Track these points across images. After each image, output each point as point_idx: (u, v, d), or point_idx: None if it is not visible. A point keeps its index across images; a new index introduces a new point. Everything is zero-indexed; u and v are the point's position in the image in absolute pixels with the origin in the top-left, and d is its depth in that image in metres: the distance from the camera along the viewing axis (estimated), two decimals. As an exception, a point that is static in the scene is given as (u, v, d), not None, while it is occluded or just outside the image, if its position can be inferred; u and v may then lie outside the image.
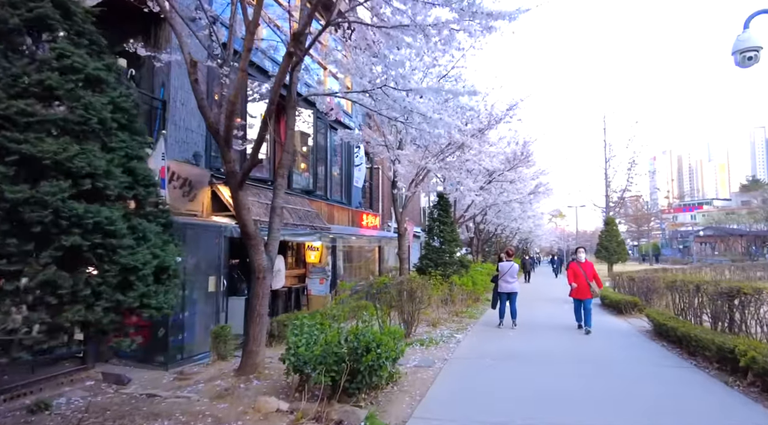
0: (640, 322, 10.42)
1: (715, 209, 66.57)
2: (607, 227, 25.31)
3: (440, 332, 9.20)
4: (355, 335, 4.55)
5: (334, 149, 14.55)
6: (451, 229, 13.89)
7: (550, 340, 8.48)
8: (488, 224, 24.85)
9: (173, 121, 8.11)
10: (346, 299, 9.87)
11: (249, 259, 5.75)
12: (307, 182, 12.38)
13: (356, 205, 15.77)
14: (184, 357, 6.73)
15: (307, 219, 10.88)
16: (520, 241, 43.46)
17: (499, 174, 15.80)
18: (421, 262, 13.84)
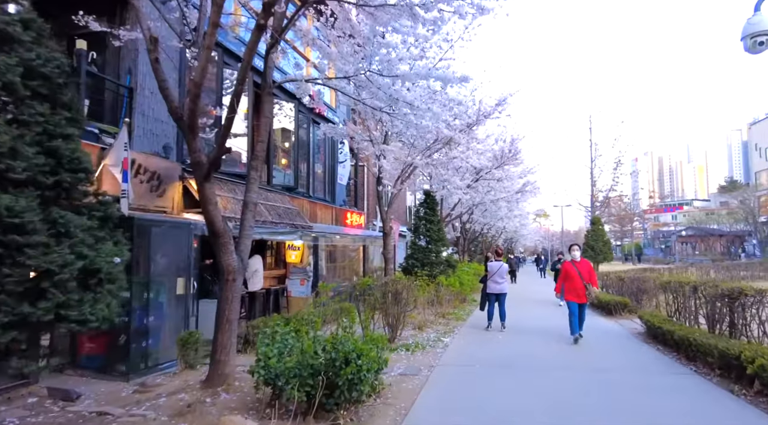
0: (631, 324, 10.15)
1: (696, 210, 67.72)
2: (593, 227, 25.23)
3: (427, 335, 8.76)
4: (334, 344, 4.07)
5: (317, 144, 14.02)
6: (437, 228, 13.48)
7: (540, 344, 8.10)
8: (474, 224, 24.55)
9: (141, 110, 7.52)
10: (327, 301, 9.38)
11: (217, 259, 5.22)
12: (288, 178, 11.83)
13: (340, 203, 15.25)
14: (149, 365, 6.17)
15: (288, 217, 10.34)
16: (505, 240, 43.41)
17: (486, 172, 15.46)
18: (407, 262, 13.40)
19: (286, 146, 12.02)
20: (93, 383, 5.55)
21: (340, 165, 15.30)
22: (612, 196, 30.67)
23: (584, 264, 8.46)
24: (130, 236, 6.03)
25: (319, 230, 11.49)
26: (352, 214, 15.77)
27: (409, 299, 8.09)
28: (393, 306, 7.65)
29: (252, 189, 5.62)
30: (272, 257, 11.55)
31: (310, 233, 10.58)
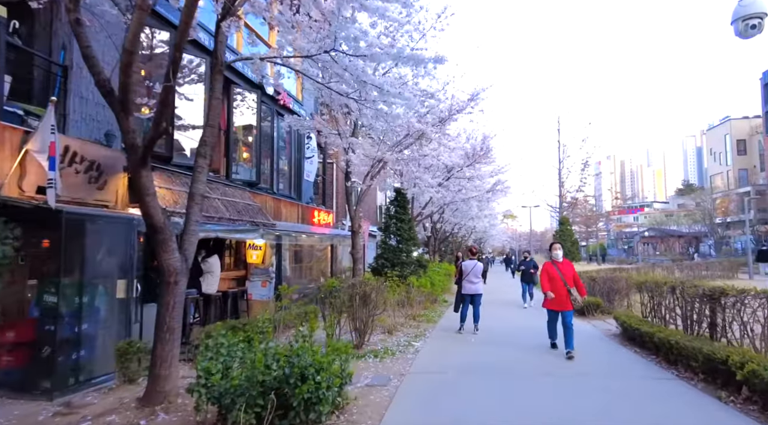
0: (605, 325, 9.96)
1: (656, 212, 70.23)
2: (562, 227, 25.46)
3: (397, 340, 8.25)
4: (288, 357, 3.49)
5: (282, 138, 13.31)
6: (408, 227, 13.02)
7: (515, 348, 7.72)
8: (445, 224, 24.30)
9: (78, 93, 6.69)
10: (290, 305, 8.74)
11: (156, 259, 4.54)
12: (249, 173, 11.09)
13: (307, 200, 14.58)
14: (81, 380, 5.39)
15: (248, 214, 9.63)
16: (475, 240, 43.57)
17: (458, 170, 15.12)
18: (377, 262, 12.88)
19: (248, 139, 11.28)
20: (7, 404, 4.75)
21: (307, 161, 14.63)
22: (579, 197, 31.09)
23: (567, 266, 7.29)
24: (59, 232, 5.27)
25: (283, 228, 10.81)
26: (320, 212, 15.12)
27: (378, 302, 7.56)
28: (361, 310, 7.10)
29: (199, 179, 4.96)
30: (231, 257, 10.79)
31: (273, 232, 9.90)
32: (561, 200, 29.33)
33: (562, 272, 7.10)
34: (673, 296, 6.99)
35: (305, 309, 9.29)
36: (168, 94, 3.84)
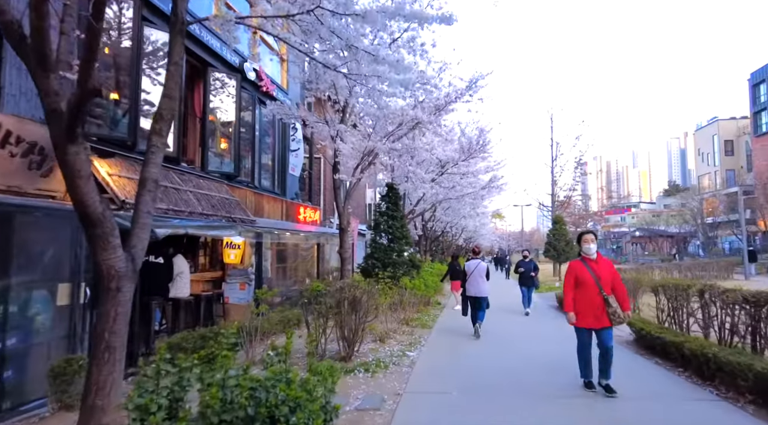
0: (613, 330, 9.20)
1: (644, 212, 70.55)
2: (556, 227, 24.81)
3: (390, 349, 7.38)
4: (253, 391, 2.60)
5: (265, 128, 12.36)
6: (401, 224, 12.16)
7: (525, 361, 6.90)
8: (436, 222, 23.51)
9: (16, 63, 5.69)
10: (268, 311, 7.82)
11: (94, 258, 3.60)
12: (227, 164, 10.13)
13: (292, 196, 13.64)
14: (5, 408, 4.41)
15: (224, 209, 8.67)
16: (465, 240, 42.99)
17: (453, 165, 14.31)
18: (367, 262, 11.99)
19: (226, 128, 10.31)
20: None
21: (292, 154, 13.69)
22: (573, 195, 30.55)
23: (604, 266, 5.19)
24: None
25: (265, 225, 9.87)
26: (306, 209, 14.19)
27: (369, 308, 6.68)
28: (350, 317, 6.21)
29: (152, 161, 4.02)
30: (207, 257, 9.82)
31: (253, 229, 8.96)
32: (553, 198, 28.72)
33: (597, 275, 5.07)
34: (701, 300, 6.22)
35: (288, 315, 8.38)
36: (93, 38, 2.91)
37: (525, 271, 12.15)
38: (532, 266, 12.17)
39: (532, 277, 11.99)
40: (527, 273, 12.02)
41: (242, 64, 10.74)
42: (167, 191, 7.46)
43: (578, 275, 5.18)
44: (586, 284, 5.10)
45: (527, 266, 12.21)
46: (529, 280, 11.99)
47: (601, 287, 5.03)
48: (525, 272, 12.14)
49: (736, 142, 50.37)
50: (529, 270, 12.05)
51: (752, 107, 45.49)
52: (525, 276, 12.10)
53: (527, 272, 12.06)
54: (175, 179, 7.97)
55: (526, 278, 12.06)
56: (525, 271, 12.15)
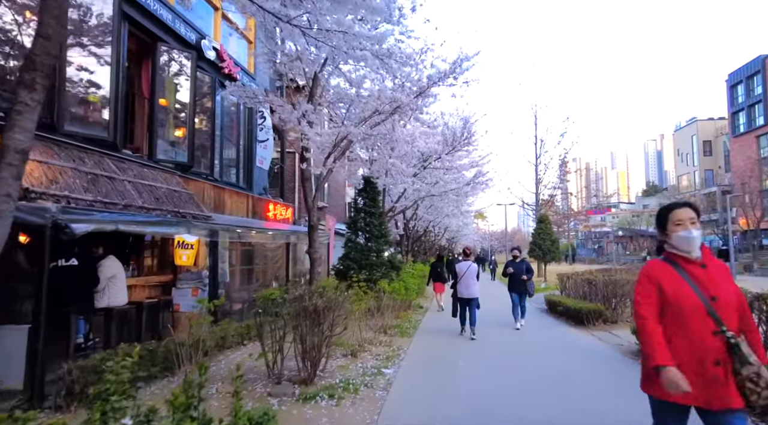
0: (612, 338, 8.31)
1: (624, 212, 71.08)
2: (540, 225, 24.10)
3: (362, 366, 6.30)
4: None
5: (228, 115, 11.15)
6: (379, 222, 11.10)
7: (522, 376, 5.91)
8: (419, 221, 22.52)
9: None
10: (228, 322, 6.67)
11: None
12: (181, 154, 8.92)
13: (260, 191, 12.45)
14: None
15: (172, 202, 7.47)
16: (448, 240, 42.22)
17: (436, 158, 13.31)
18: (342, 263, 10.89)
19: (180, 113, 9.10)
20: None
21: (261, 145, 12.50)
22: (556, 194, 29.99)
23: (719, 273, 2.40)
24: None
25: (224, 222, 8.68)
26: (277, 206, 13.00)
27: (337, 319, 5.59)
28: (311, 331, 5.11)
29: (20, 124, 2.88)
30: (154, 258, 8.59)
31: (207, 226, 7.77)
32: (538, 197, 28.07)
33: (707, 291, 2.31)
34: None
35: (250, 324, 7.25)
36: None
37: (516, 273, 9.74)
38: (525, 267, 9.79)
39: (524, 281, 9.61)
40: (518, 277, 9.67)
41: (200, 41, 9.54)
42: (97, 179, 6.25)
43: (667, 292, 2.36)
44: (686, 310, 2.30)
45: (518, 267, 9.80)
46: (522, 285, 9.62)
47: (720, 319, 2.26)
48: (516, 274, 9.74)
49: (714, 142, 50.87)
50: (520, 273, 9.67)
51: (730, 108, 45.94)
52: (516, 280, 9.71)
53: (518, 274, 9.68)
54: (109, 167, 6.74)
55: (517, 282, 9.67)
56: (516, 273, 9.74)
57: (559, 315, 11.07)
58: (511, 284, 9.89)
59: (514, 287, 9.73)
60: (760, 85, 42.00)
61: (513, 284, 9.80)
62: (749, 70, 43.36)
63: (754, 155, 41.02)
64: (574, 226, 65.91)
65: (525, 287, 9.56)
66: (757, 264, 26.62)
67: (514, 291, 9.75)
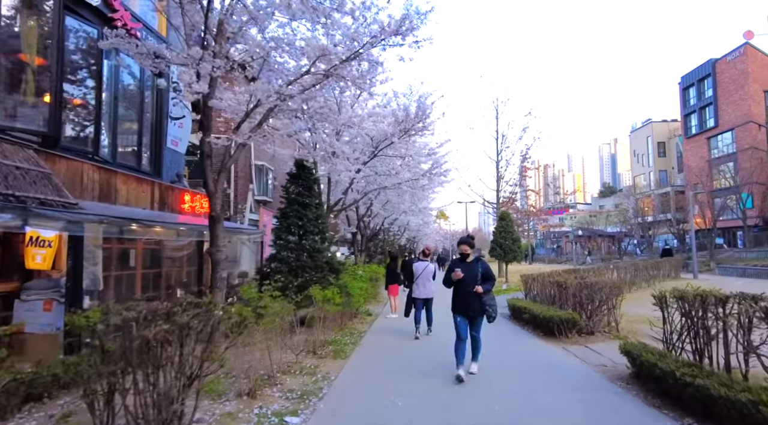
0: (590, 354, 6.81)
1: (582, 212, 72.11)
2: (502, 223, 22.88)
3: (259, 412, 4.42)
4: None
5: (124, 82, 8.98)
6: (316, 215, 9.22)
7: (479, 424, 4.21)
8: (374, 218, 20.76)
9: None
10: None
11: None
12: (34, 118, 6.73)
13: (172, 178, 10.29)
14: None
15: (16, 184, 5.33)
16: (408, 239, 40.77)
17: (387, 144, 11.56)
18: (269, 265, 8.97)
19: (41, 69, 6.90)
20: None
21: (174, 123, 10.34)
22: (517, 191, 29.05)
23: None
24: None
25: (96, 212, 6.54)
26: (195, 197, 10.85)
27: (215, 348, 3.69)
28: (155, 373, 3.19)
29: None
30: (-10, 261, 6.34)
31: (63, 216, 5.66)
32: (499, 194, 26.95)
33: None
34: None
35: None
36: None
37: (465, 282, 5.70)
38: (480, 271, 5.74)
39: (481, 296, 5.64)
40: (469, 287, 5.64)
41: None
42: None
43: None
44: None
45: (470, 271, 5.74)
46: (474, 302, 5.64)
47: None
48: (465, 284, 5.70)
49: (668, 143, 51.99)
50: (473, 280, 5.66)
51: (682, 110, 46.90)
52: (464, 293, 5.71)
53: (469, 284, 5.66)
54: None
55: (466, 297, 5.68)
56: (465, 282, 5.70)
57: (524, 324, 9.57)
58: (457, 299, 5.79)
59: (462, 304, 5.72)
60: (711, 89, 42.94)
61: (460, 299, 5.75)
62: (700, 74, 44.31)
63: (705, 156, 41.86)
64: (533, 226, 66.25)
65: (480, 306, 5.63)
66: (714, 263, 26.53)
67: (460, 313, 5.74)
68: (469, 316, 5.74)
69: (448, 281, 5.91)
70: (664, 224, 40.25)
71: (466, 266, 5.82)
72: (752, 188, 34.06)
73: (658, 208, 44.12)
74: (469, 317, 5.75)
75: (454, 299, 5.86)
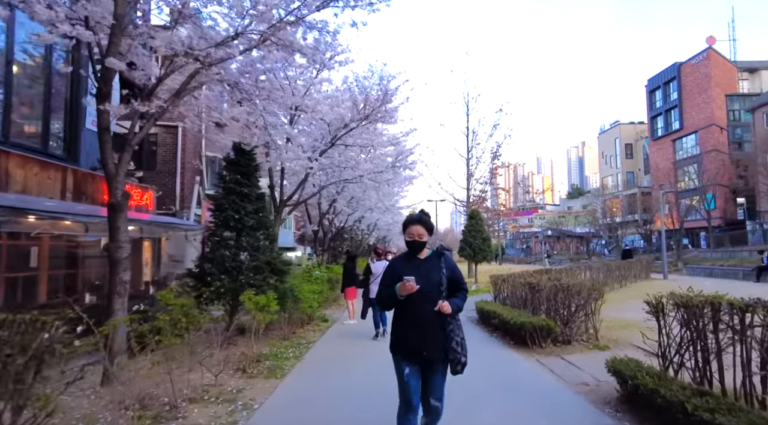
0: (571, 369, 5.86)
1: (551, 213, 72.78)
2: (471, 222, 22.10)
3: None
4: None
5: (27, 48, 7.54)
6: (257, 208, 7.99)
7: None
8: (338, 215, 19.57)
9: None
10: None
11: None
12: None
13: (94, 165, 8.86)
14: None
15: None
16: (378, 239, 39.67)
17: (346, 131, 10.42)
18: (201, 265, 7.68)
19: None
20: None
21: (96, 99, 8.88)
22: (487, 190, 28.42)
23: None
24: None
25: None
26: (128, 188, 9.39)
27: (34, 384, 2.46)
28: None
29: None
30: None
31: None
32: (469, 192, 26.23)
33: None
34: None
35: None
36: None
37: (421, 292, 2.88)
38: (443, 274, 3.01)
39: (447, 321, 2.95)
40: (426, 304, 2.92)
41: None
42: None
43: None
44: None
45: (428, 275, 2.99)
46: (435, 333, 2.94)
47: None
48: (420, 297, 2.90)
49: (635, 145, 52.75)
50: (432, 290, 2.95)
51: (649, 112, 47.61)
52: (416, 319, 2.97)
53: (427, 297, 2.92)
54: None
55: (421, 323, 2.96)
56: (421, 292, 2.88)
57: (493, 330, 8.61)
58: (402, 330, 3.07)
59: (412, 340, 2.98)
60: (676, 92, 43.66)
61: (408, 330, 3.02)
62: (666, 77, 45.04)
63: (670, 158, 42.50)
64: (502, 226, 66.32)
65: (444, 343, 2.95)
66: (681, 263, 26.55)
67: (409, 356, 2.98)
68: (425, 362, 2.96)
69: (389, 298, 3.03)
70: (631, 224, 40.61)
71: (421, 267, 3.04)
72: (715, 190, 34.59)
73: (626, 209, 44.62)
74: (425, 365, 2.97)
75: (397, 330, 3.08)
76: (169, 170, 14.42)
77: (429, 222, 3.18)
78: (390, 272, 3.15)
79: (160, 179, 14.56)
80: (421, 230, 3.11)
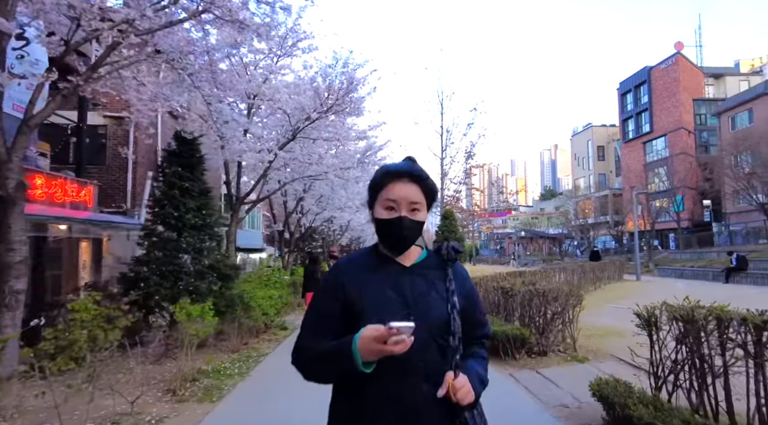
0: (548, 386, 5.21)
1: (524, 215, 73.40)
2: (445, 222, 21.58)
3: None
4: None
5: None
6: (201, 203, 7.10)
7: None
8: (307, 215, 18.64)
9: None
10: None
11: None
12: None
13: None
14: None
15: None
16: (351, 240, 38.76)
17: (308, 123, 9.60)
18: (135, 269, 6.74)
19: None
20: None
21: (20, 83, 7.81)
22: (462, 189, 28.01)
23: None
24: None
25: None
26: (53, 181, 8.35)
27: None
28: None
29: None
30: None
31: None
32: (443, 192, 25.73)
33: None
34: None
35: None
36: None
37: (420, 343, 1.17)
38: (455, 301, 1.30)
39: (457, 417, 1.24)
40: (421, 397, 1.21)
41: None
42: None
43: None
44: None
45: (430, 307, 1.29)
46: None
47: None
48: (413, 357, 1.17)
49: (606, 147, 53.51)
50: (436, 336, 1.27)
51: (621, 115, 48.33)
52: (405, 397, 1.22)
53: (424, 354, 1.23)
54: None
55: (412, 412, 1.21)
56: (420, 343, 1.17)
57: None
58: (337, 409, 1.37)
59: None
60: (646, 95, 44.40)
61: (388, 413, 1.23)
62: (637, 80, 45.76)
63: (641, 160, 43.13)
64: (477, 227, 66.42)
65: None
66: (653, 264, 26.69)
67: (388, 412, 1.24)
68: None
69: (328, 365, 1.33)
70: (603, 225, 40.99)
71: (408, 288, 1.33)
72: (683, 192, 35.15)
73: (598, 210, 45.09)
74: None
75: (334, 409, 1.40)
76: (120, 165, 13.27)
77: (428, 180, 1.38)
78: (329, 298, 1.37)
79: (109, 175, 13.40)
80: (414, 193, 1.34)
